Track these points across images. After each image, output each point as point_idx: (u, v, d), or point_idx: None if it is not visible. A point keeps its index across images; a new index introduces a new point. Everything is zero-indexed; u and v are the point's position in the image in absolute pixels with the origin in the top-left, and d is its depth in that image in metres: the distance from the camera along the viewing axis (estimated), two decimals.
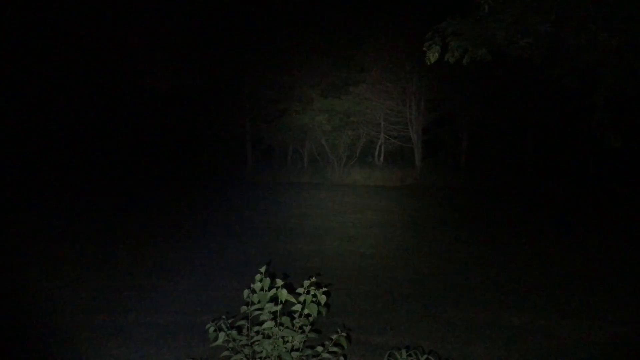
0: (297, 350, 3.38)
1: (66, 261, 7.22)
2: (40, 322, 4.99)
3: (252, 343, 3.38)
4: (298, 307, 3.35)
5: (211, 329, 3.39)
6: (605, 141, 4.92)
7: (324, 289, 3.41)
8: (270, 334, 3.34)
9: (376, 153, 21.10)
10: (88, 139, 20.79)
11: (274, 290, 3.32)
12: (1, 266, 7.17)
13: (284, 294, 3.28)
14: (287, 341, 3.36)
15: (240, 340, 3.40)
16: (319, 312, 3.33)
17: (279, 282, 3.33)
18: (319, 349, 3.43)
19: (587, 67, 4.66)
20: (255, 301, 3.35)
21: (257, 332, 3.40)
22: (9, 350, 4.46)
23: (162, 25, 19.21)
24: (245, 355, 3.36)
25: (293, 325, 3.38)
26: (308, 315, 3.37)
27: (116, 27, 19.39)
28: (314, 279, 3.38)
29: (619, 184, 16.38)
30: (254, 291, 3.35)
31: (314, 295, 3.33)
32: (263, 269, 3.36)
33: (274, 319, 3.34)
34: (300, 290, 3.34)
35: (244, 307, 3.39)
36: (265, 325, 3.32)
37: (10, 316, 5.25)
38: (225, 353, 3.42)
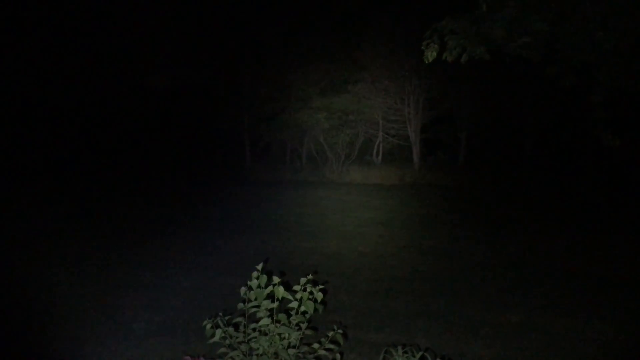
0: (293, 347, 3.38)
1: (63, 258, 7.21)
2: (38, 319, 4.99)
3: (249, 340, 3.38)
4: (295, 304, 3.35)
5: (208, 326, 3.39)
6: (602, 140, 4.92)
7: (321, 287, 3.41)
8: (267, 331, 3.34)
9: (374, 151, 21.10)
10: (87, 137, 20.78)
11: (270, 288, 3.32)
12: (1, 263, 7.17)
13: (280, 292, 3.29)
14: (284, 338, 3.36)
15: (237, 337, 3.40)
16: (315, 310, 3.33)
17: (276, 279, 3.33)
18: (316, 345, 3.43)
19: (585, 66, 4.65)
20: (252, 298, 3.35)
21: (254, 329, 3.40)
22: (5, 348, 4.45)
23: (161, 23, 19.22)
24: (242, 352, 3.36)
25: (289, 322, 3.38)
26: (305, 313, 3.37)
27: (115, 25, 19.39)
28: (310, 277, 3.38)
29: (618, 183, 16.41)
30: (250, 288, 3.35)
31: (311, 293, 3.33)
32: (260, 267, 3.36)
33: (271, 316, 3.34)
34: (297, 287, 3.34)
35: (241, 304, 3.39)
36: (261, 322, 3.32)
37: (7, 314, 5.25)
38: (222, 350, 3.42)
